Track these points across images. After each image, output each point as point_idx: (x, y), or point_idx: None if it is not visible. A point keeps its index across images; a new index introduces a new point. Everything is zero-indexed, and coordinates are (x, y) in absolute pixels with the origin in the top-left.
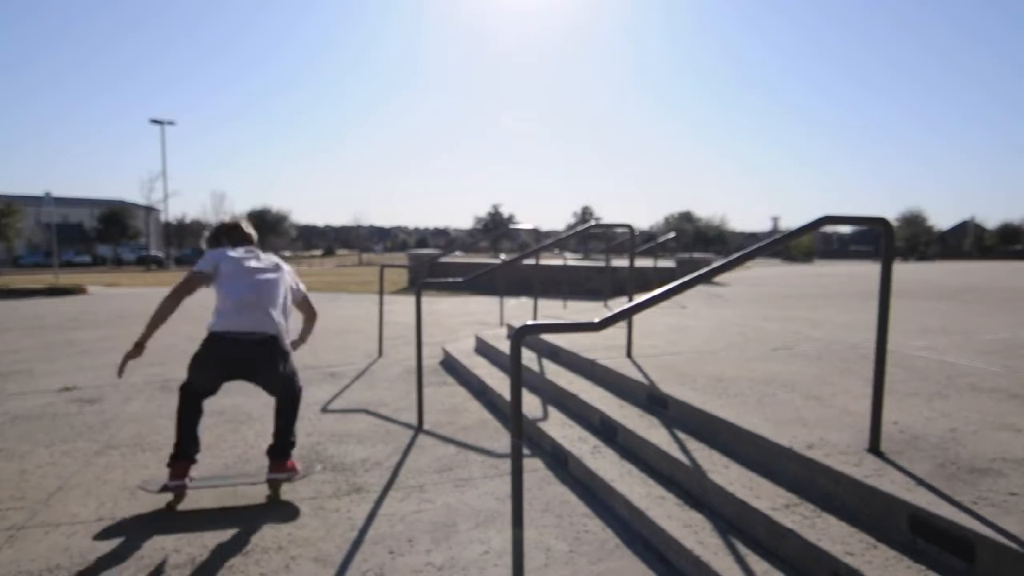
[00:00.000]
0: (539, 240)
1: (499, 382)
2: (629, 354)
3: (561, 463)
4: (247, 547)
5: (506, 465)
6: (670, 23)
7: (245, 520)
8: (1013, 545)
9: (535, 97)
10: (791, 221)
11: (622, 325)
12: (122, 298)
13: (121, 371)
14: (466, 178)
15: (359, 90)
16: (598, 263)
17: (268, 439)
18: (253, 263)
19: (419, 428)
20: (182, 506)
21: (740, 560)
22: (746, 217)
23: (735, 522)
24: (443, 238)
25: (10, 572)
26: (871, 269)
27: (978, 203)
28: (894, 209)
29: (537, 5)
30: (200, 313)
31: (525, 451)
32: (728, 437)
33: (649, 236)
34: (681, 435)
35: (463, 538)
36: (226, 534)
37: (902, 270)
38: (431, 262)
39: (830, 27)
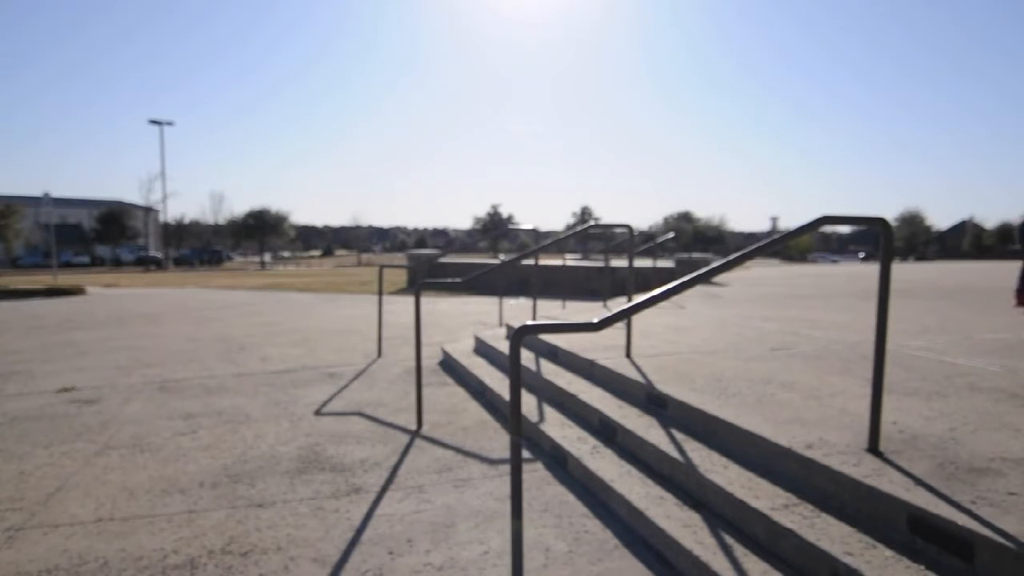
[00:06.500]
0: (538, 240)
1: (498, 382)
2: (628, 354)
3: (560, 463)
4: (246, 547)
5: (505, 466)
6: (673, 22)
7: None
8: (1012, 545)
9: (534, 98)
10: (790, 221)
11: (621, 325)
12: (121, 299)
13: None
14: (465, 178)
15: (359, 91)
16: (597, 263)
17: (268, 439)
18: None
19: (418, 429)
20: None
21: (739, 560)
22: (745, 217)
23: (734, 522)
24: (442, 238)
25: (9, 573)
26: (871, 269)
27: (977, 202)
28: (893, 209)
29: (538, 10)
30: (199, 315)
31: (524, 452)
32: (727, 437)
33: (648, 236)
34: (680, 435)
35: (462, 538)
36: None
37: (901, 269)
38: (430, 262)
39: (831, 23)
